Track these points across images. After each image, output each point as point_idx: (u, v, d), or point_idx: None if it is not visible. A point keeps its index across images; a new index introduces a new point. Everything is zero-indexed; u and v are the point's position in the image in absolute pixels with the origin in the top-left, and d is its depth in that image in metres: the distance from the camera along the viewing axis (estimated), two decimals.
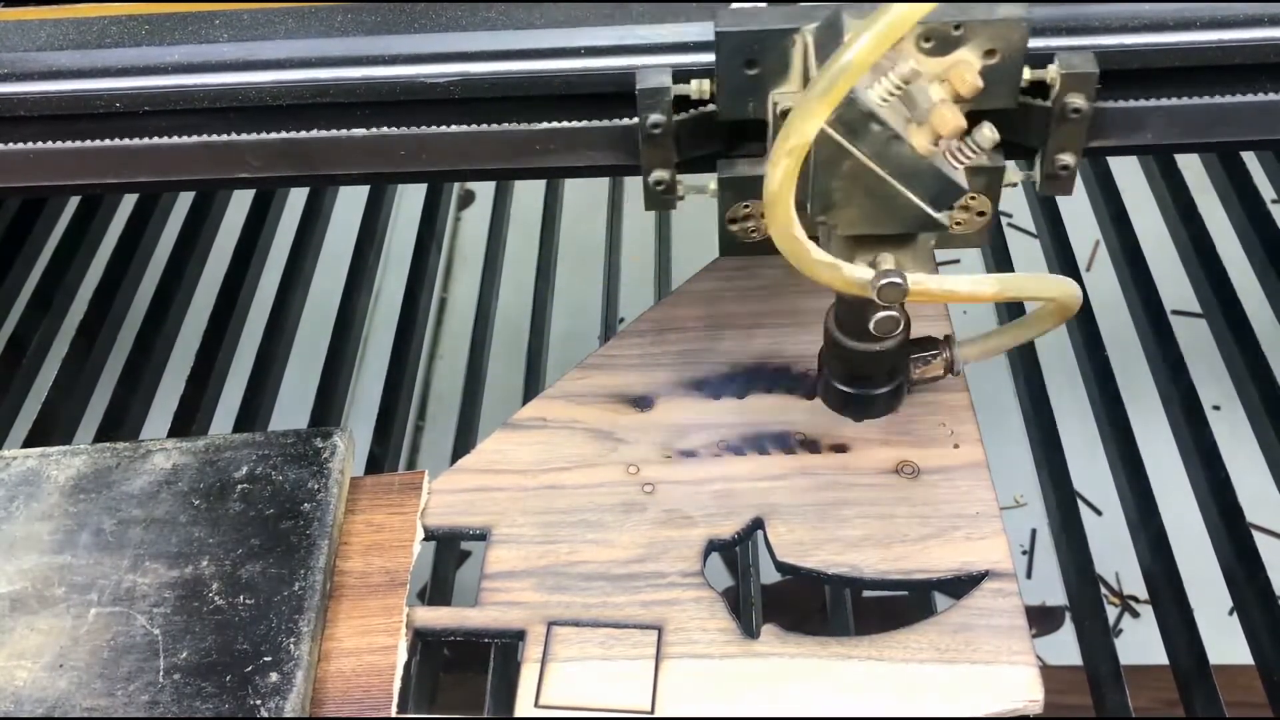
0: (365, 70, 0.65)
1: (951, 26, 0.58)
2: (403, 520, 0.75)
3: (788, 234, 0.58)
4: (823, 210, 0.60)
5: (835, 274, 0.60)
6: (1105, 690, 0.82)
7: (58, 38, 0.68)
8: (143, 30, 0.68)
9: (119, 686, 0.65)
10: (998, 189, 0.66)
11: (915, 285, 0.61)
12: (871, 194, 0.58)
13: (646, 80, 0.62)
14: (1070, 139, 0.63)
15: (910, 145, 0.57)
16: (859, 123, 0.56)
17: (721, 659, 0.67)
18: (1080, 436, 1.06)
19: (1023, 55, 0.59)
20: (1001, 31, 0.58)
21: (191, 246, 1.17)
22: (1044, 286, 0.67)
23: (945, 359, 0.71)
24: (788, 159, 0.55)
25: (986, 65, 0.59)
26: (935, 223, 0.59)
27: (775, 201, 0.56)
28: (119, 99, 0.66)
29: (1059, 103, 0.62)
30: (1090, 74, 0.61)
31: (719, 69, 0.61)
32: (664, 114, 0.63)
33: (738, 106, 0.61)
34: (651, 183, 0.66)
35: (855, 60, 0.52)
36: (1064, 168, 0.65)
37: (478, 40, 0.66)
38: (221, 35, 0.67)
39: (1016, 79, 0.60)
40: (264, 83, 0.65)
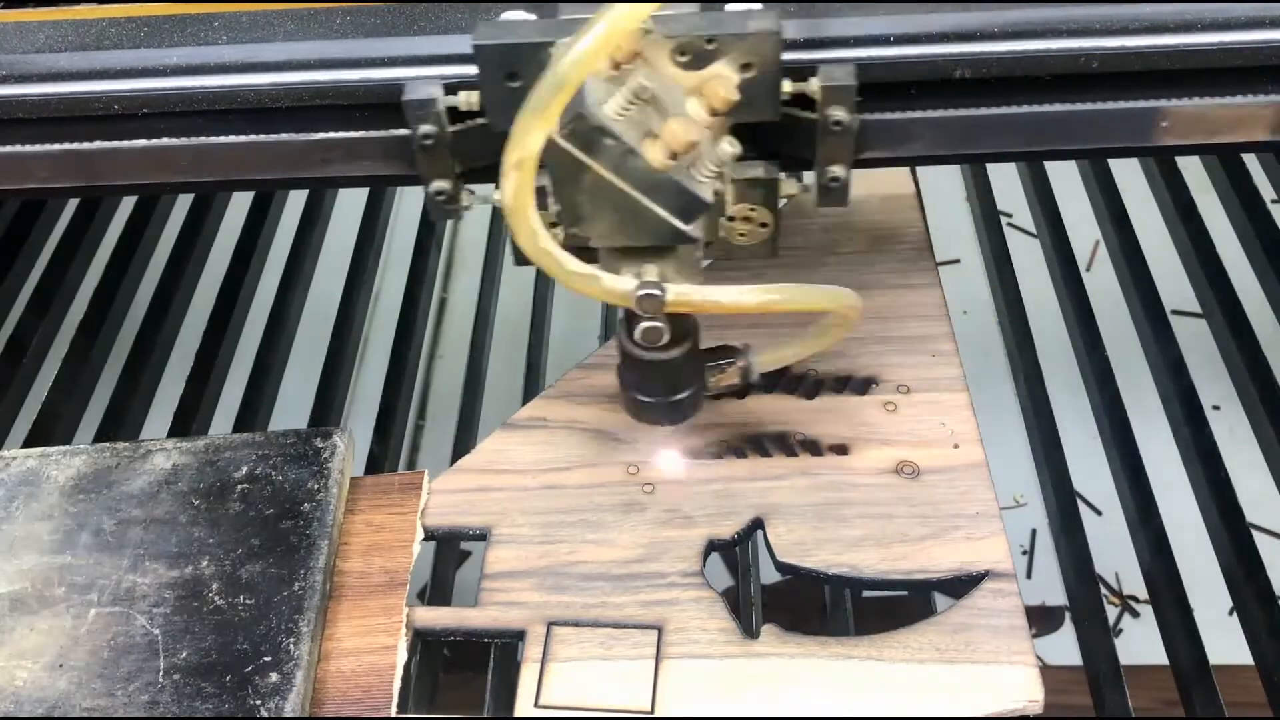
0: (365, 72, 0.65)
1: (704, 40, 0.58)
2: (403, 520, 0.75)
3: (535, 247, 0.58)
4: (573, 222, 0.60)
5: (595, 285, 0.60)
6: (1105, 690, 0.82)
7: (56, 39, 0.68)
8: (141, 32, 0.68)
9: (119, 686, 0.65)
10: (774, 200, 0.66)
11: (676, 296, 0.60)
12: (618, 207, 0.58)
13: (414, 92, 0.62)
14: (837, 151, 0.63)
15: (645, 160, 0.57)
16: (592, 136, 0.56)
17: (721, 659, 0.68)
18: (1080, 436, 1.06)
19: (779, 68, 0.59)
20: (755, 45, 0.58)
21: (191, 246, 1.17)
22: (814, 297, 0.65)
23: (740, 367, 0.71)
24: (516, 172, 0.55)
25: (744, 78, 0.59)
26: (685, 235, 0.59)
27: (513, 215, 0.56)
28: (118, 101, 0.66)
29: (822, 115, 0.62)
30: (849, 86, 0.61)
31: (481, 82, 0.61)
32: (435, 125, 0.63)
33: (506, 118, 0.59)
34: (432, 193, 0.66)
35: (566, 74, 0.52)
36: (834, 179, 0.64)
37: None
38: (221, 37, 0.67)
39: (775, 92, 0.60)
40: (264, 85, 0.65)
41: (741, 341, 0.72)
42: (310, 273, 1.20)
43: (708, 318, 0.67)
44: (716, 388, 0.71)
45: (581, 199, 0.59)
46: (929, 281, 0.87)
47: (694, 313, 0.64)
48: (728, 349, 0.71)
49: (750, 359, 0.71)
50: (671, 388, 0.69)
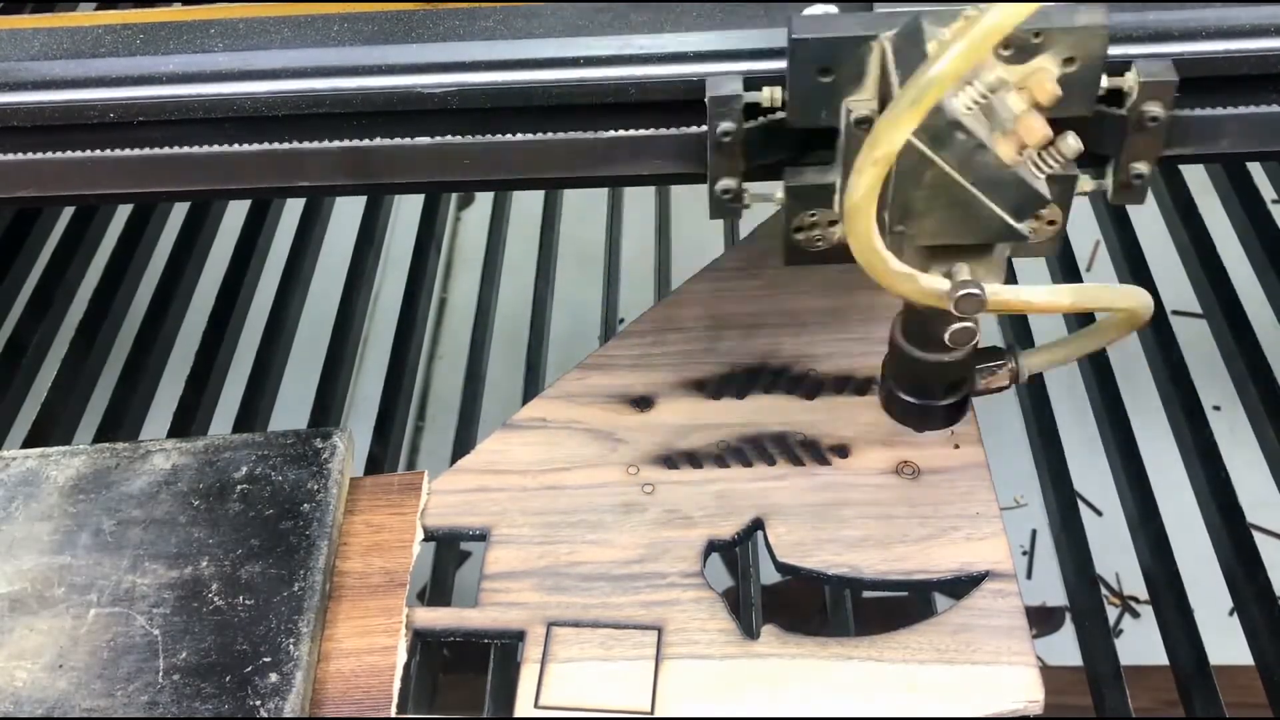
0: (361, 80, 0.65)
1: (1031, 34, 0.57)
2: (402, 521, 0.75)
3: (868, 245, 0.57)
4: (901, 220, 0.59)
5: (912, 285, 0.60)
6: (1105, 690, 0.82)
7: (51, 47, 0.68)
8: (137, 40, 0.68)
9: (118, 687, 0.65)
10: (1069, 198, 0.64)
11: (993, 296, 0.60)
12: (953, 204, 0.58)
13: (718, 88, 0.61)
14: (1146, 148, 0.62)
15: (995, 155, 0.56)
16: (944, 132, 0.55)
17: (722, 659, 0.67)
18: (1080, 436, 1.06)
19: (1102, 63, 0.58)
20: (1081, 39, 0.57)
21: (191, 246, 1.17)
22: (1117, 297, 0.67)
23: (1011, 369, 0.71)
24: (874, 168, 0.54)
25: (1065, 73, 0.58)
26: (1016, 233, 0.59)
27: (857, 212, 0.55)
28: (113, 109, 0.66)
29: (1135, 111, 0.61)
30: (1169, 82, 0.60)
31: (792, 76, 0.60)
32: (734, 122, 0.61)
33: (810, 114, 0.60)
34: (719, 191, 0.64)
35: (947, 69, 0.51)
36: (1138, 176, 0.63)
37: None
38: (217, 45, 0.67)
39: (1094, 87, 0.59)
40: (260, 93, 0.65)
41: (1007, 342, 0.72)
42: (310, 273, 1.20)
43: None
44: (985, 389, 0.71)
45: (918, 196, 0.58)
46: None
47: (1003, 313, 0.64)
48: (997, 350, 0.71)
49: (1020, 361, 0.71)
50: (950, 389, 0.69)
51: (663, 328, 0.85)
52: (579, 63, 0.64)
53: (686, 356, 0.83)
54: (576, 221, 1.39)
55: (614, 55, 0.64)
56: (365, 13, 0.69)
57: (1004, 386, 0.72)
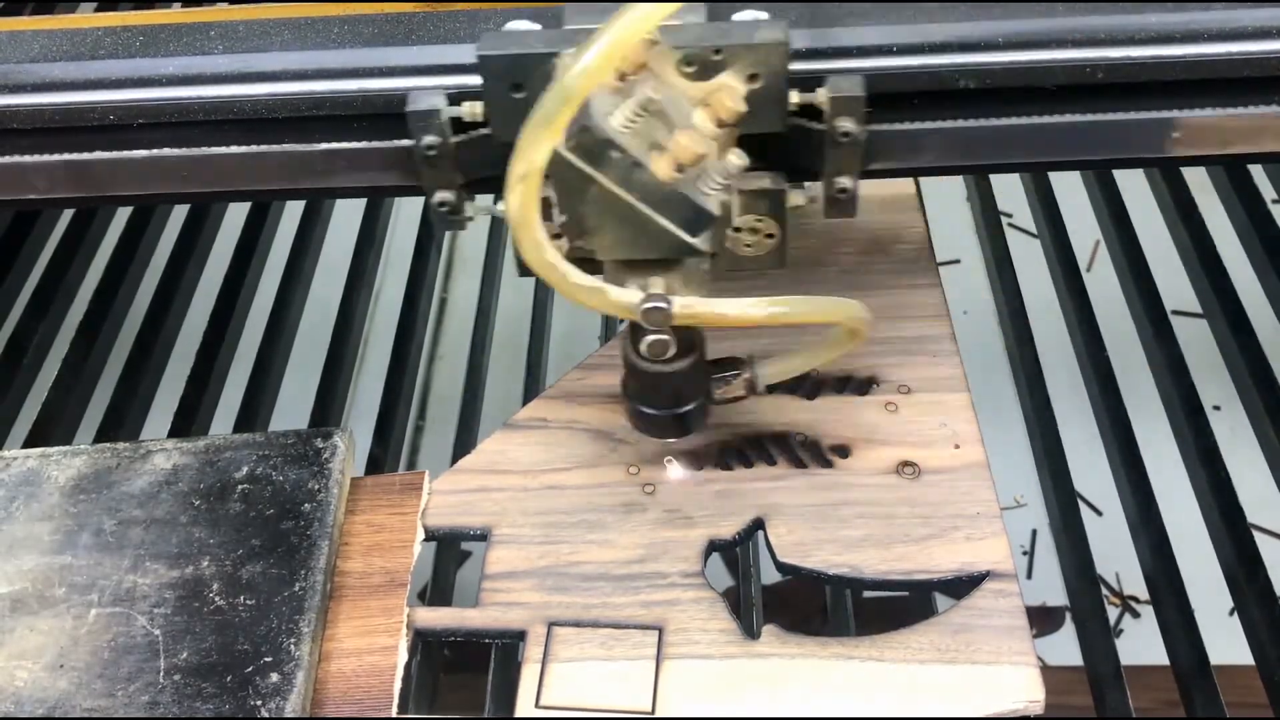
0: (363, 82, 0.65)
1: (711, 51, 0.58)
2: (403, 521, 0.75)
3: (541, 260, 0.58)
4: (579, 235, 0.60)
5: (601, 298, 0.60)
6: (1105, 690, 0.82)
7: (51, 49, 0.68)
8: (137, 42, 0.68)
9: (119, 687, 0.65)
10: (782, 211, 0.65)
11: (682, 309, 0.60)
12: (624, 219, 0.58)
13: (417, 102, 0.62)
14: (846, 162, 0.63)
15: (652, 173, 0.56)
16: (598, 149, 0.56)
17: (722, 659, 0.68)
18: (1080, 436, 1.06)
19: (785, 79, 0.59)
20: (762, 55, 0.58)
21: (192, 246, 1.17)
22: (822, 310, 0.65)
23: (747, 379, 0.71)
24: (521, 185, 0.54)
25: (751, 89, 0.58)
26: (693, 248, 0.59)
27: (518, 228, 0.56)
28: (113, 111, 0.66)
29: (830, 127, 0.61)
30: (857, 97, 0.60)
31: (486, 92, 0.60)
32: (439, 135, 0.62)
33: (510, 129, 0.59)
34: (435, 204, 0.65)
35: (573, 86, 0.51)
36: (842, 190, 0.64)
37: None
38: (217, 47, 0.67)
39: (783, 103, 0.60)
40: (260, 95, 0.65)
41: (746, 353, 0.72)
42: (310, 273, 1.20)
43: None
44: (721, 399, 0.71)
45: (587, 212, 0.58)
46: (930, 282, 0.87)
47: (700, 325, 0.64)
48: (733, 360, 0.71)
49: (756, 370, 0.71)
50: (677, 400, 0.68)
51: None
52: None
53: None
54: None
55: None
56: (365, 15, 0.69)
57: (741, 396, 0.71)
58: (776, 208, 0.65)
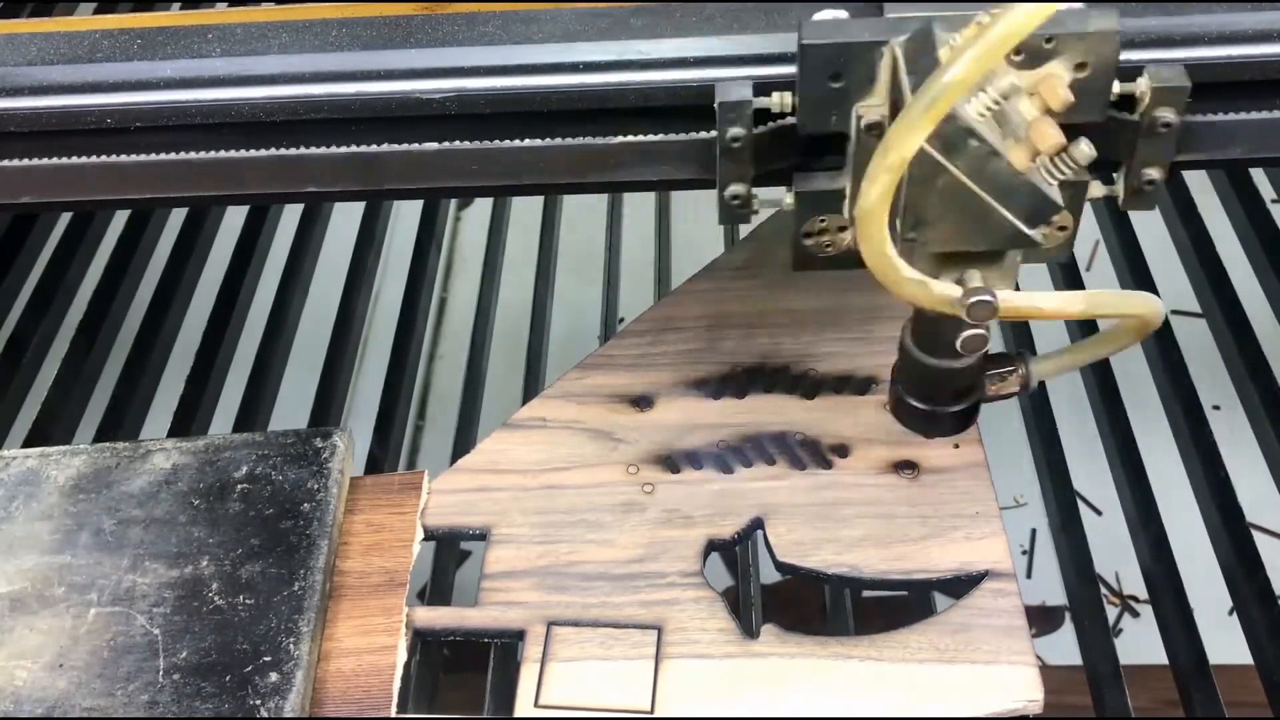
0: (360, 85, 0.64)
1: (1043, 39, 0.56)
2: (402, 520, 0.75)
3: (880, 252, 0.57)
4: (914, 227, 0.58)
5: (924, 291, 0.59)
6: (1105, 690, 0.82)
7: (48, 52, 0.67)
8: (134, 45, 0.67)
9: (119, 686, 0.65)
10: (1080, 204, 0.63)
11: (1004, 303, 0.60)
12: (965, 211, 0.57)
13: (727, 94, 0.61)
14: (1158, 153, 0.62)
15: (1008, 162, 0.55)
16: (957, 138, 0.55)
17: (721, 659, 0.68)
18: (1080, 436, 1.06)
19: (1114, 68, 0.58)
20: (1094, 44, 0.57)
21: (191, 246, 1.17)
22: (1128, 303, 0.66)
23: (1021, 375, 0.71)
24: (886, 175, 0.53)
25: (1077, 78, 0.57)
26: (1028, 239, 0.58)
27: (869, 218, 0.55)
28: (110, 115, 0.65)
29: (1148, 116, 0.60)
30: (1182, 88, 0.59)
31: (802, 82, 0.59)
32: (744, 127, 0.61)
33: (820, 120, 0.60)
34: (728, 197, 0.64)
35: (961, 76, 0.51)
36: (1149, 182, 0.63)
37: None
38: (214, 50, 0.66)
39: (1106, 93, 0.59)
40: (258, 98, 0.65)
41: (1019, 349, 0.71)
42: (310, 273, 1.20)
43: None
44: (995, 396, 0.70)
45: (931, 202, 0.57)
46: None
47: (1015, 319, 0.64)
48: (1007, 357, 0.71)
49: (1030, 367, 0.71)
50: (959, 396, 0.68)
51: (662, 328, 0.85)
52: (584, 68, 0.64)
53: (686, 356, 0.83)
54: (576, 222, 1.39)
55: (622, 60, 0.64)
56: (364, 18, 0.68)
57: (1014, 393, 0.71)
58: (1076, 200, 0.62)
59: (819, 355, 0.82)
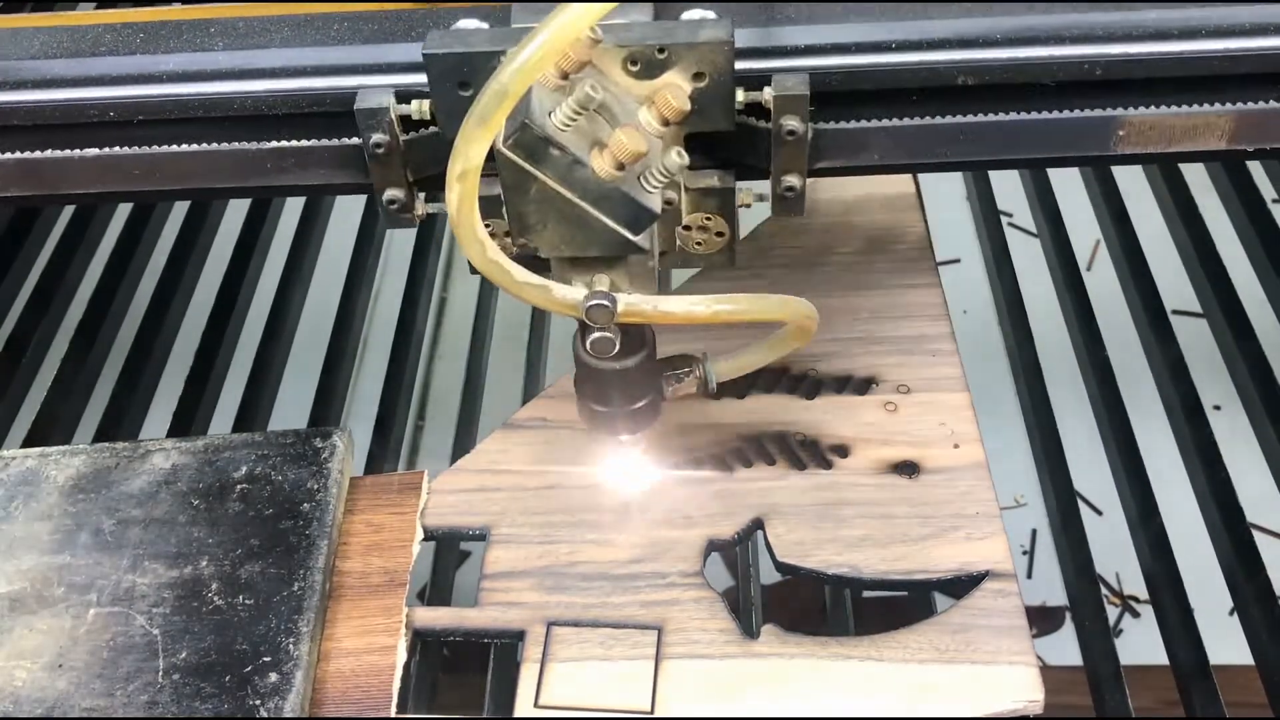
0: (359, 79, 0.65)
1: (655, 50, 0.58)
2: (402, 520, 0.75)
3: (484, 258, 0.58)
4: (521, 232, 0.60)
5: (545, 295, 0.60)
6: (1105, 690, 0.82)
7: (52, 46, 0.68)
8: (137, 38, 0.68)
9: (118, 686, 0.65)
10: (732, 209, 0.65)
11: (626, 306, 0.60)
12: (565, 217, 0.58)
13: (365, 100, 0.62)
14: (792, 160, 0.63)
15: (592, 170, 0.56)
16: (537, 147, 0.56)
17: (721, 659, 0.67)
18: (1080, 436, 1.06)
19: (731, 77, 0.59)
20: (706, 54, 0.58)
21: (191, 246, 1.17)
22: (766, 308, 0.65)
23: (698, 377, 0.70)
24: (459, 183, 0.54)
25: (696, 88, 0.58)
26: (635, 245, 0.59)
27: (458, 226, 0.56)
28: (113, 108, 0.66)
29: (776, 125, 0.61)
30: (802, 96, 0.60)
31: (432, 90, 0.61)
32: (386, 134, 0.62)
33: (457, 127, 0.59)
34: (385, 201, 0.65)
35: (508, 83, 0.51)
36: (789, 189, 0.64)
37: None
38: (217, 43, 0.67)
39: (729, 101, 0.60)
40: (260, 92, 0.65)
41: (699, 350, 0.71)
42: (310, 273, 1.20)
43: None
44: (674, 397, 0.71)
45: (529, 209, 0.58)
46: (929, 281, 0.87)
47: (646, 323, 0.64)
48: (685, 358, 0.70)
49: (708, 368, 0.70)
50: (627, 397, 0.68)
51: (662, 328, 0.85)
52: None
53: None
54: None
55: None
56: (366, 12, 0.69)
57: (692, 394, 0.71)
58: (725, 206, 0.65)
59: (819, 355, 0.82)
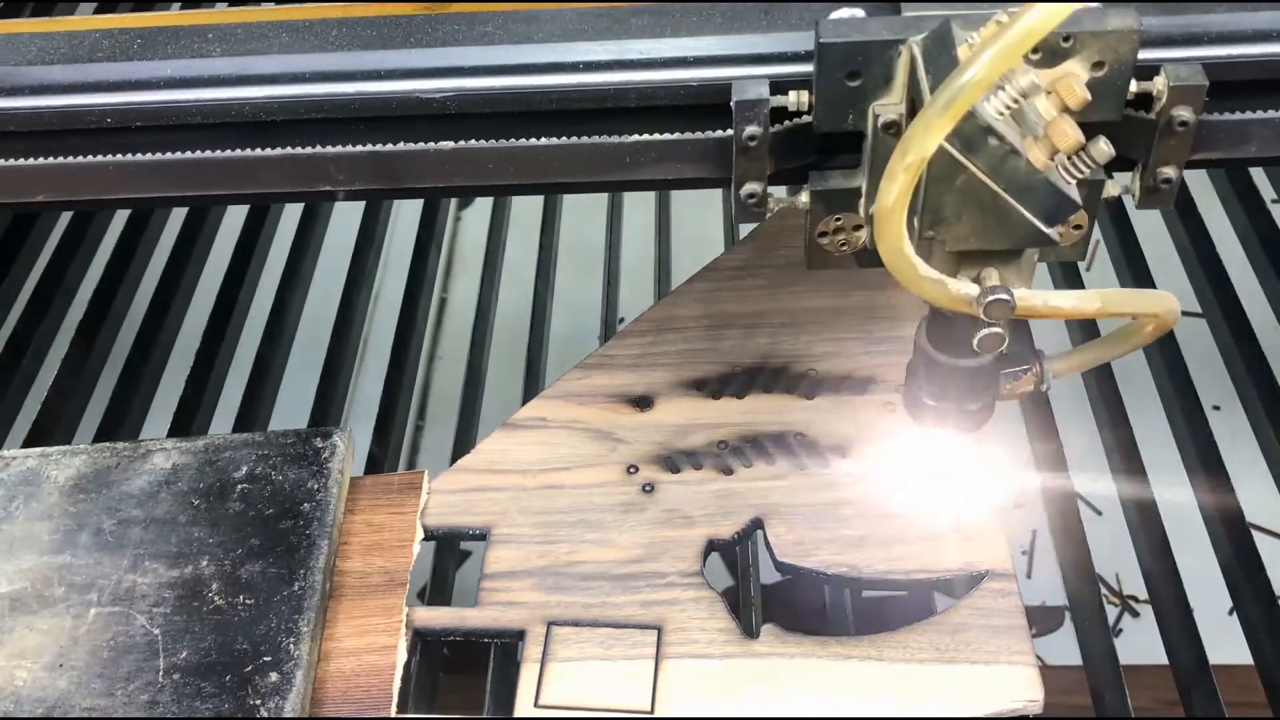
0: (359, 85, 0.64)
1: (1061, 38, 0.56)
2: (402, 520, 0.75)
3: (898, 251, 0.57)
4: (932, 225, 0.58)
5: (941, 290, 0.59)
6: (1105, 690, 0.82)
7: (48, 51, 0.67)
8: (135, 44, 0.67)
9: (119, 686, 0.65)
10: (1096, 202, 0.63)
11: (1021, 302, 0.60)
12: (984, 209, 0.57)
13: (744, 92, 0.61)
14: (1174, 152, 0.62)
15: (1027, 160, 0.55)
16: (976, 137, 0.55)
17: (721, 659, 0.68)
18: (1081, 437, 1.06)
19: (1131, 67, 0.58)
20: (1111, 43, 0.57)
21: (191, 246, 1.17)
22: (1145, 302, 0.66)
23: (1035, 374, 0.70)
24: (905, 174, 0.53)
25: (1094, 77, 0.58)
26: (1047, 238, 0.58)
27: (888, 218, 0.55)
28: (110, 114, 0.65)
29: (1165, 115, 0.60)
30: (1199, 86, 0.60)
31: (819, 80, 0.60)
32: (760, 126, 0.61)
33: (836, 118, 0.60)
34: (744, 195, 0.64)
35: (981, 74, 0.51)
36: (1166, 181, 0.63)
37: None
38: (215, 49, 0.66)
39: (1124, 91, 0.59)
40: (258, 98, 0.65)
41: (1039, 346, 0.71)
42: (310, 273, 1.20)
43: None
44: (1010, 396, 0.70)
45: (949, 200, 0.57)
46: None
47: (1031, 318, 0.64)
48: (1024, 355, 0.70)
49: (1046, 365, 0.70)
50: (973, 395, 0.68)
51: (662, 327, 0.85)
52: (587, 67, 0.63)
53: (686, 356, 0.83)
54: (576, 222, 1.39)
55: (638, 59, 0.63)
56: (364, 17, 0.68)
57: (1029, 391, 0.71)
58: (1092, 198, 0.63)
59: (819, 355, 0.82)
